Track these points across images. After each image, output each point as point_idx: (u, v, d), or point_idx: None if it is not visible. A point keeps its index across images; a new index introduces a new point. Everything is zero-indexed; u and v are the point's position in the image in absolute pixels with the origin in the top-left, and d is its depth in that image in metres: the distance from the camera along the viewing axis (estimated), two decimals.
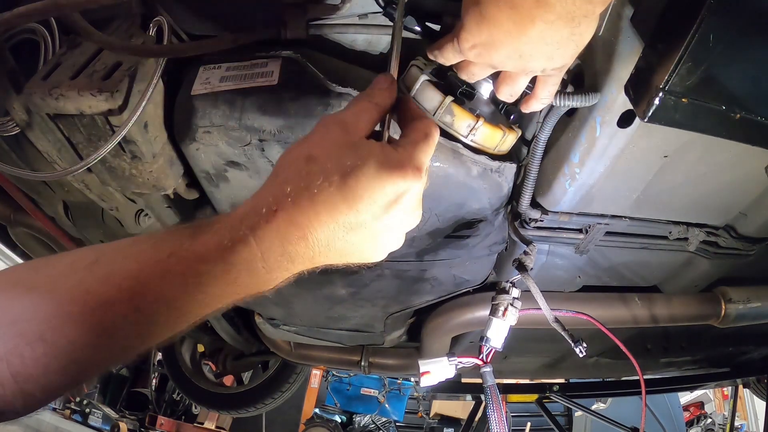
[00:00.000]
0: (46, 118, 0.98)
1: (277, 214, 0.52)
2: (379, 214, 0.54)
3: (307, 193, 0.52)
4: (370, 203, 0.53)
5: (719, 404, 6.62)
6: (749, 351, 2.27)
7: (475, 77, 0.75)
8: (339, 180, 0.52)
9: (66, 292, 0.49)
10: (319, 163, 0.53)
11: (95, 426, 5.38)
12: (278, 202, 0.52)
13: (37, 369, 0.47)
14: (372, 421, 5.82)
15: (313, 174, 0.52)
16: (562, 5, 0.55)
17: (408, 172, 0.55)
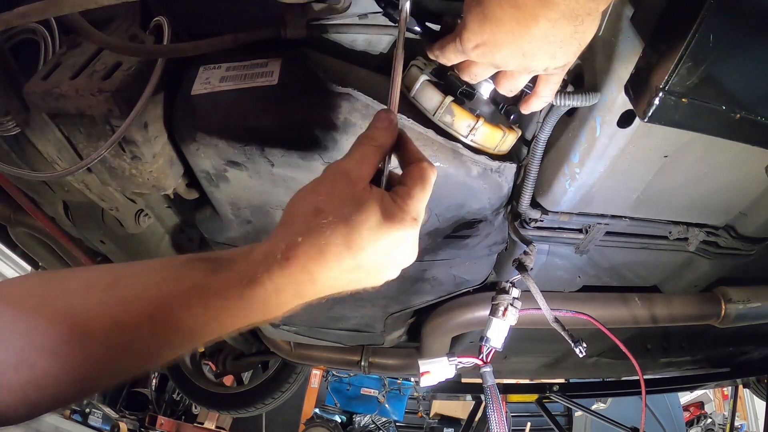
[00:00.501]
0: (46, 118, 0.98)
1: (291, 262, 0.57)
2: (379, 259, 0.61)
3: (317, 244, 0.58)
4: (372, 252, 0.59)
5: (719, 404, 6.62)
6: (749, 351, 2.27)
7: (478, 77, 0.75)
8: (344, 234, 0.58)
9: (83, 311, 0.52)
10: (326, 216, 0.59)
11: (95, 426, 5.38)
12: (290, 251, 0.57)
13: (47, 380, 0.49)
14: (372, 421, 5.82)
15: (322, 227, 0.58)
16: (566, 3, 0.55)
17: (406, 223, 0.62)
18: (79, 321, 0.52)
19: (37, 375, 0.49)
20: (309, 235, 0.58)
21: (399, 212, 0.62)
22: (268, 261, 0.58)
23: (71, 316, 0.52)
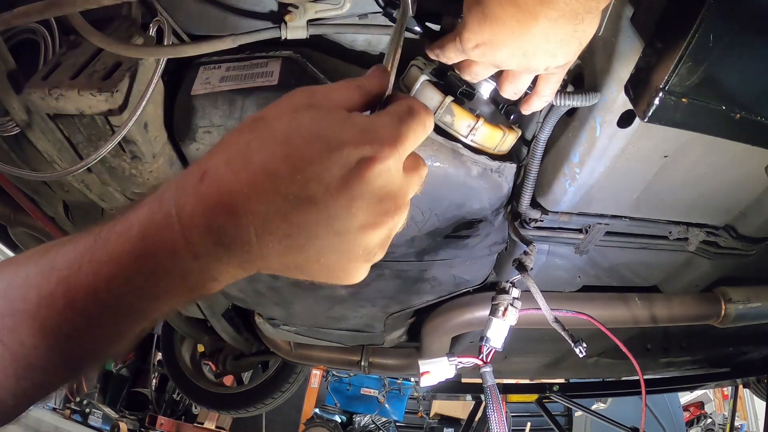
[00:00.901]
0: (46, 118, 0.97)
1: (204, 179, 0.42)
2: (335, 189, 0.42)
3: (245, 152, 0.43)
4: (322, 169, 0.42)
5: (719, 404, 6.61)
6: (749, 351, 2.27)
7: (479, 77, 0.75)
8: (283, 137, 0.42)
9: (17, 288, 0.45)
10: (267, 122, 0.44)
11: (95, 426, 5.37)
12: (209, 166, 0.43)
13: (0, 372, 0.44)
14: (372, 421, 5.82)
15: (257, 131, 0.44)
16: (566, 2, 0.55)
17: (379, 137, 0.44)
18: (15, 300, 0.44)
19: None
20: (237, 144, 0.44)
21: (371, 124, 0.45)
22: (179, 185, 0.43)
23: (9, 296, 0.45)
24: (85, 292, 0.43)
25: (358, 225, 0.44)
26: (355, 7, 0.98)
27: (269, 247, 0.43)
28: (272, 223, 0.42)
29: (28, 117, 1.02)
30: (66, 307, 0.43)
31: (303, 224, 0.43)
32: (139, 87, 0.93)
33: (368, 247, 0.46)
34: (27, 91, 0.92)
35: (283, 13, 0.97)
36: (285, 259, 0.45)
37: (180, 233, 0.42)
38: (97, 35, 0.90)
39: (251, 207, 0.41)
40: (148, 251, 0.43)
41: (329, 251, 0.45)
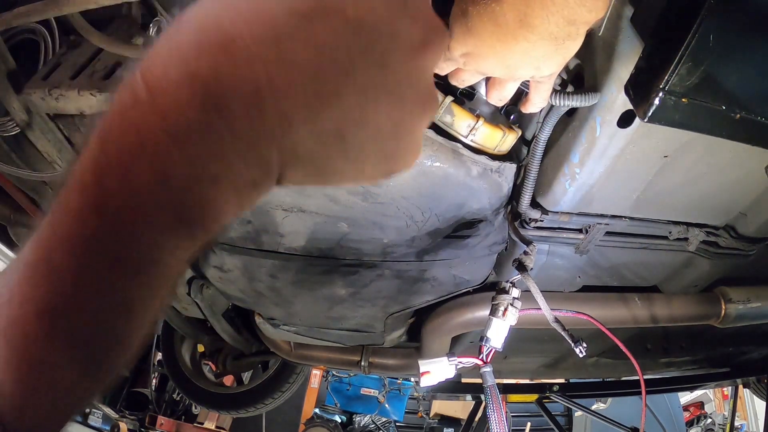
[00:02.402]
0: (46, 118, 0.98)
1: (183, 23, 0.29)
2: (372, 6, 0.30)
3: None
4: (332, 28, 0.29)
5: (719, 404, 6.62)
6: (749, 351, 2.27)
7: (465, 83, 0.76)
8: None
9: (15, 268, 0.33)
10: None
11: (95, 426, 5.37)
12: (182, 18, 0.29)
13: (2, 371, 0.34)
14: (372, 421, 5.82)
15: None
16: (545, 26, 0.55)
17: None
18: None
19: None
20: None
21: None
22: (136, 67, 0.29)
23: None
24: (60, 245, 0.31)
25: (407, 45, 0.32)
26: None
27: (291, 96, 0.29)
28: (289, 49, 0.28)
29: (28, 117, 1.02)
30: (49, 273, 0.32)
31: (333, 49, 0.29)
32: None
33: (423, 84, 0.35)
34: (27, 91, 0.92)
35: None
36: (317, 119, 0.30)
37: (148, 102, 0.27)
38: (97, 35, 0.90)
39: (254, 35, 0.27)
40: (110, 153, 0.28)
41: (375, 92, 0.31)
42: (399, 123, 0.34)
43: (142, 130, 0.27)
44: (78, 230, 0.30)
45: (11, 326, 0.34)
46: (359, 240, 1.24)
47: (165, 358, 3.44)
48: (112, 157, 0.28)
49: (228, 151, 0.28)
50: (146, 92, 0.27)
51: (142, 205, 0.29)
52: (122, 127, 0.28)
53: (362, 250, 1.28)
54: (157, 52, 0.28)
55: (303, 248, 1.27)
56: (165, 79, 0.27)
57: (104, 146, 0.28)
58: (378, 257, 1.33)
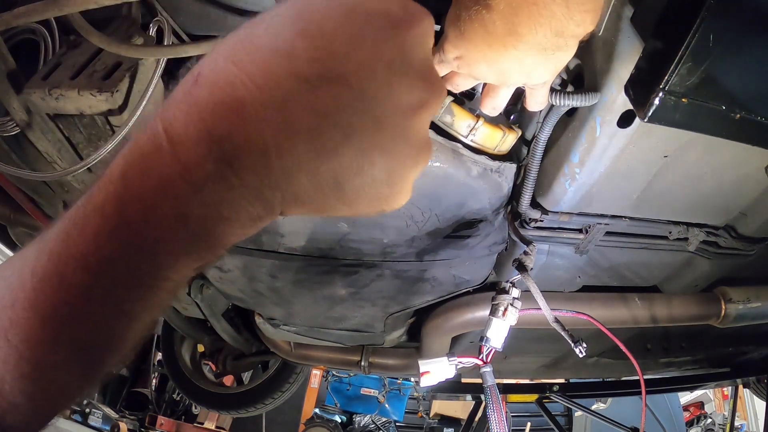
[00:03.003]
0: (46, 118, 0.98)
1: (199, 80, 0.32)
2: (368, 62, 0.33)
3: (248, 40, 0.33)
4: (349, 39, 0.32)
5: (719, 404, 6.61)
6: (749, 351, 2.27)
7: (460, 88, 0.76)
8: (294, 14, 0.33)
9: (17, 274, 0.38)
10: (271, 9, 0.34)
11: (95, 426, 5.37)
12: (203, 66, 0.33)
13: (7, 371, 0.37)
14: (372, 421, 5.82)
15: (259, 19, 0.34)
16: (533, 37, 0.55)
17: (410, 4, 0.36)
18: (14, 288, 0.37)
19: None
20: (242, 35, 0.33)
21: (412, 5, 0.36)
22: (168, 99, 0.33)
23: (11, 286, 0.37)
24: (74, 260, 0.34)
25: (403, 107, 0.35)
26: None
27: (294, 155, 0.32)
28: (294, 115, 0.31)
29: (28, 117, 1.02)
30: (60, 284, 0.35)
31: (333, 113, 0.32)
32: (139, 87, 0.93)
33: (418, 139, 0.37)
34: (27, 91, 0.92)
35: None
36: (317, 171, 0.34)
37: (170, 153, 0.32)
38: (97, 35, 0.90)
39: (263, 99, 0.31)
40: (133, 189, 0.33)
41: (371, 150, 0.34)
42: (392, 172, 0.37)
43: (165, 176, 0.32)
44: (94, 250, 0.34)
45: (14, 328, 0.36)
46: (359, 240, 1.24)
47: (165, 358, 3.44)
48: (134, 194, 0.33)
49: (237, 197, 0.33)
50: (168, 144, 0.32)
51: (160, 236, 0.34)
52: (145, 170, 0.33)
53: (362, 250, 1.28)
54: (177, 105, 0.33)
55: (303, 248, 1.27)
56: (185, 135, 0.32)
57: (127, 183, 0.33)
58: (378, 257, 1.33)
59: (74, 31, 0.92)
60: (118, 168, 0.34)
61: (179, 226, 0.33)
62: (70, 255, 0.35)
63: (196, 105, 0.32)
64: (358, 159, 0.34)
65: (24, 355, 0.37)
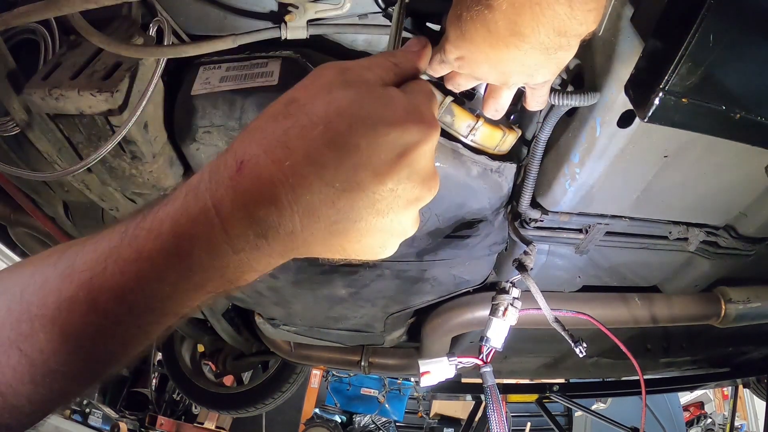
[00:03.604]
0: (46, 118, 0.97)
1: (243, 168, 0.40)
2: (383, 173, 0.41)
3: (284, 140, 0.40)
4: (369, 154, 0.41)
5: (719, 404, 6.61)
6: (749, 351, 2.27)
7: (461, 88, 0.75)
8: (324, 122, 0.40)
9: (33, 293, 0.43)
10: (302, 106, 0.42)
11: (95, 426, 5.37)
12: (245, 154, 0.41)
13: (16, 378, 0.42)
14: (372, 421, 5.82)
15: (292, 116, 0.41)
16: (536, 37, 0.54)
17: (423, 119, 0.44)
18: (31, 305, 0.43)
19: (5, 374, 0.42)
20: (273, 129, 0.41)
21: (411, 103, 0.45)
22: (213, 176, 0.42)
23: (24, 301, 0.43)
24: (111, 293, 0.41)
25: (403, 205, 0.44)
26: (355, 7, 0.98)
27: (314, 235, 0.42)
28: (319, 211, 0.41)
29: (28, 117, 1.02)
30: (89, 310, 0.41)
31: (350, 210, 0.42)
32: (139, 87, 0.93)
33: (408, 223, 0.47)
34: (27, 91, 0.92)
35: (283, 13, 0.97)
36: (328, 243, 0.44)
37: (219, 227, 0.41)
38: (97, 35, 0.90)
39: (296, 196, 0.40)
40: (184, 248, 0.41)
41: (372, 231, 0.44)
42: (385, 242, 0.47)
43: (213, 242, 0.41)
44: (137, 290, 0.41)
45: (29, 339, 0.42)
46: None
47: (165, 358, 3.44)
48: (184, 251, 0.41)
49: (265, 256, 0.44)
50: (218, 219, 0.41)
51: (202, 282, 0.43)
52: (196, 235, 0.41)
53: None
54: (225, 189, 0.41)
55: None
56: (232, 215, 0.40)
57: (178, 242, 0.41)
58: None
59: (74, 31, 0.91)
60: (168, 226, 0.41)
61: (218, 275, 0.43)
62: (106, 287, 0.41)
63: (242, 193, 0.40)
64: (360, 236, 0.44)
65: (36, 365, 0.42)
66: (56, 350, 0.42)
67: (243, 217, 0.40)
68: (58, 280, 0.43)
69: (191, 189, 0.42)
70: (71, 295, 0.42)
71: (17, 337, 0.42)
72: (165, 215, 0.42)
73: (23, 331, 0.42)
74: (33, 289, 0.43)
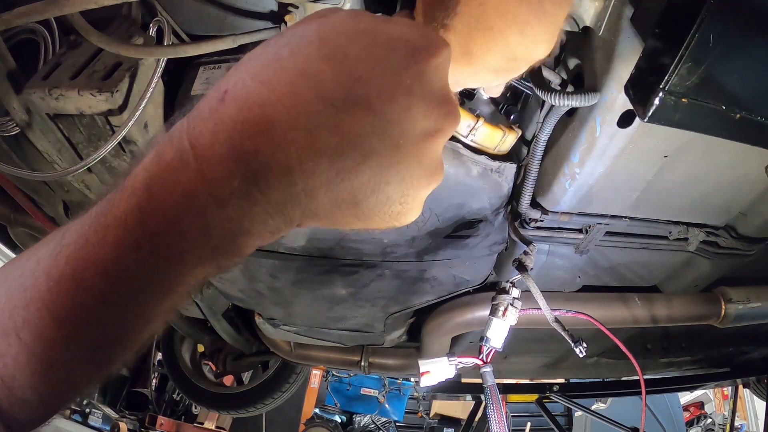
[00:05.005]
0: (46, 118, 0.98)
1: (226, 98, 0.34)
2: (390, 88, 0.35)
3: (275, 59, 0.34)
4: (372, 66, 0.35)
5: (719, 404, 6.61)
6: (749, 351, 2.27)
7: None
8: (320, 37, 0.35)
9: (28, 276, 0.39)
10: (295, 29, 0.37)
11: (95, 426, 5.37)
12: (230, 83, 0.34)
13: (18, 370, 0.39)
14: (372, 421, 5.82)
15: (285, 38, 0.36)
16: (486, 60, 0.54)
17: (428, 33, 0.39)
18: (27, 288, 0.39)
19: (8, 365, 0.38)
20: (266, 54, 0.35)
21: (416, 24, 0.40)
22: (191, 117, 0.35)
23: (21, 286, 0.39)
24: (93, 267, 0.36)
25: (420, 131, 0.37)
26: (355, 7, 0.98)
27: (317, 174, 0.34)
28: (319, 137, 0.33)
29: (28, 117, 1.02)
30: (77, 289, 0.36)
31: (355, 135, 0.34)
32: (139, 87, 0.93)
33: (431, 162, 0.39)
34: (27, 91, 0.92)
35: (283, 13, 0.97)
36: (336, 190, 0.35)
37: (196, 169, 0.33)
38: (97, 35, 0.90)
39: (291, 122, 0.33)
40: (157, 203, 0.34)
41: (388, 170, 0.36)
42: (406, 192, 0.39)
43: (190, 192, 0.33)
44: (114, 260, 0.35)
45: (27, 327, 0.38)
46: (359, 240, 1.24)
47: (165, 358, 3.44)
48: (158, 207, 0.34)
49: (260, 212, 0.35)
50: (195, 160, 0.33)
51: (183, 248, 0.35)
52: (170, 185, 0.34)
53: (362, 250, 1.28)
54: (204, 121, 0.34)
55: (303, 248, 1.27)
56: (212, 151, 0.33)
57: (150, 197, 0.34)
58: (378, 257, 1.33)
59: (74, 31, 0.91)
60: (140, 180, 0.35)
61: (202, 238, 0.35)
62: (89, 261, 0.36)
63: (224, 123, 0.33)
64: (376, 179, 0.36)
65: (36, 353, 0.38)
66: (52, 337, 0.38)
67: (227, 153, 0.32)
68: (48, 259, 0.38)
69: (168, 134, 0.35)
70: (59, 274, 0.37)
71: (15, 324, 0.38)
72: (139, 169, 0.35)
73: (21, 317, 0.38)
74: (29, 271, 0.39)
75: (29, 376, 0.39)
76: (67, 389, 0.42)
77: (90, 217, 0.37)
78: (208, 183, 0.33)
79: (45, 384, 0.40)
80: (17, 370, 0.38)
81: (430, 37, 0.38)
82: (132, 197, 0.35)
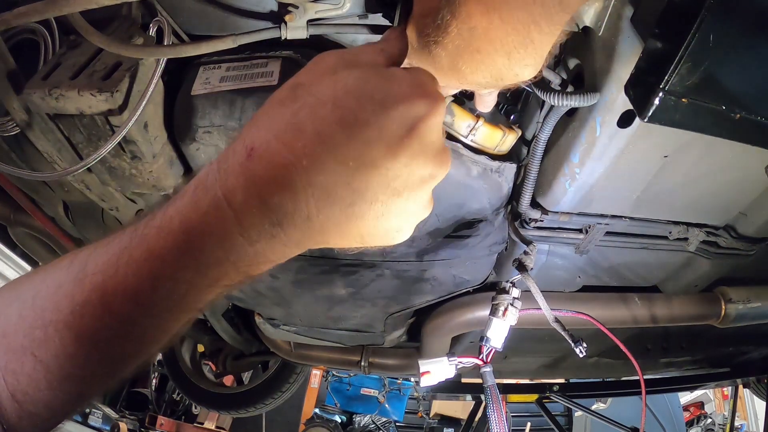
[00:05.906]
0: (46, 118, 0.97)
1: (253, 154, 0.40)
2: (395, 148, 0.40)
3: (294, 121, 0.40)
4: (380, 130, 0.40)
5: (719, 404, 6.62)
6: (749, 351, 2.27)
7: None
8: (333, 100, 0.40)
9: (46, 298, 0.43)
10: (309, 88, 0.42)
11: (95, 426, 5.37)
12: (254, 140, 0.40)
13: (31, 386, 0.42)
14: (372, 421, 5.82)
15: (299, 99, 0.42)
16: (472, 77, 0.56)
17: (428, 92, 0.44)
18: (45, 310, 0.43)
19: (21, 381, 0.42)
20: (281, 113, 0.41)
21: (415, 78, 0.45)
22: (221, 167, 0.41)
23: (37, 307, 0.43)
24: (124, 295, 0.41)
25: (417, 179, 0.43)
26: (355, 7, 0.98)
27: (330, 220, 0.41)
28: (334, 193, 0.40)
29: (28, 117, 1.02)
30: (103, 313, 0.41)
31: (365, 189, 0.41)
32: (139, 87, 0.93)
33: (423, 202, 0.46)
34: (27, 91, 0.92)
35: (283, 13, 0.97)
36: (344, 229, 0.42)
37: (232, 219, 0.40)
38: (97, 35, 0.90)
39: (310, 179, 0.39)
40: (195, 243, 0.40)
41: (388, 213, 0.43)
42: (402, 224, 0.46)
43: (228, 234, 0.40)
44: (150, 290, 0.41)
45: (44, 346, 0.42)
46: None
47: (165, 358, 3.44)
48: (196, 246, 0.40)
49: (282, 246, 0.42)
50: (230, 209, 0.40)
51: (216, 279, 0.42)
52: (206, 229, 0.40)
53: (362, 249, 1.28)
54: (235, 177, 0.40)
55: None
56: (245, 205, 0.40)
57: (189, 238, 0.40)
58: (378, 257, 1.33)
59: (74, 31, 0.91)
60: (177, 223, 0.41)
61: (233, 270, 0.42)
62: (119, 290, 0.41)
63: (254, 180, 0.39)
64: (378, 219, 0.43)
65: (52, 370, 0.42)
66: (72, 354, 0.42)
67: (256, 206, 0.39)
68: (71, 284, 0.42)
69: (200, 182, 0.41)
70: (84, 299, 0.41)
71: (31, 343, 0.42)
72: (174, 212, 0.41)
73: (37, 337, 0.42)
74: (46, 295, 0.43)
75: (42, 392, 0.42)
76: (77, 401, 0.46)
77: (116, 248, 0.42)
78: (243, 228, 0.40)
79: (58, 398, 0.43)
80: (30, 386, 0.42)
81: (429, 98, 0.43)
82: (169, 237, 0.41)
